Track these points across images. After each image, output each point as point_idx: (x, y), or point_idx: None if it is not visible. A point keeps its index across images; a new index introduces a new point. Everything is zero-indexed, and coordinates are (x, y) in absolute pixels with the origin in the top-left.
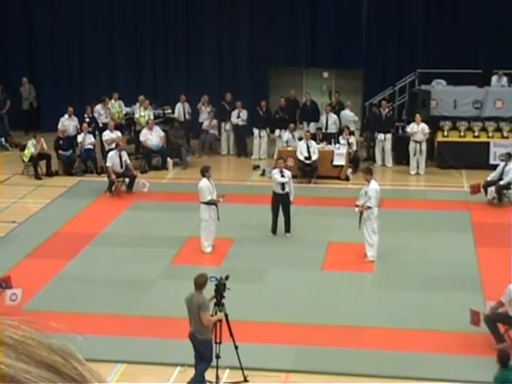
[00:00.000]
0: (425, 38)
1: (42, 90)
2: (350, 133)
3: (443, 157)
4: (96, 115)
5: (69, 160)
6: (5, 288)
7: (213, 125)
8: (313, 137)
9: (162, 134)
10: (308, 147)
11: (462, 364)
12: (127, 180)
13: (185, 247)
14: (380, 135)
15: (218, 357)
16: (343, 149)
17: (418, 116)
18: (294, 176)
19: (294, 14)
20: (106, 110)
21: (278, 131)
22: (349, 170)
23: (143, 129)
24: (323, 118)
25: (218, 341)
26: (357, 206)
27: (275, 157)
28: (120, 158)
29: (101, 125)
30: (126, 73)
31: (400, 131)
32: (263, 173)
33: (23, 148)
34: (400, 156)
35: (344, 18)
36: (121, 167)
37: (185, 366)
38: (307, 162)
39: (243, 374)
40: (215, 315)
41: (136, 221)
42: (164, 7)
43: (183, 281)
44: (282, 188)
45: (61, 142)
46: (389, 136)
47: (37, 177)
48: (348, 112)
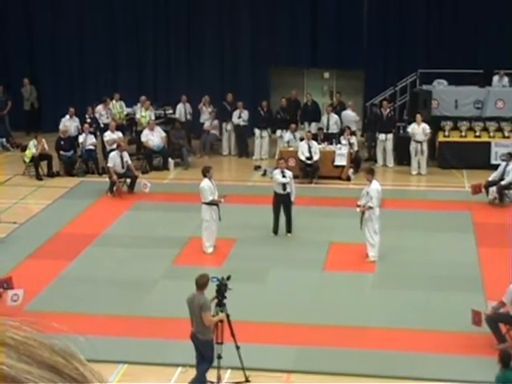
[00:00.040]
0: (426, 38)
1: (43, 91)
2: (352, 133)
3: (444, 157)
4: (97, 116)
5: (70, 161)
6: (6, 289)
7: (214, 125)
8: (314, 137)
9: (164, 135)
10: (309, 147)
11: (464, 364)
12: (128, 180)
13: (186, 247)
14: (381, 135)
15: (220, 357)
16: (344, 149)
17: (419, 116)
18: (296, 176)
19: (295, 14)
20: (107, 111)
21: (280, 131)
22: (350, 171)
23: (144, 129)
24: (324, 119)
25: (220, 341)
26: (358, 206)
27: (276, 157)
28: (121, 159)
29: (102, 125)
30: (127, 73)
31: (401, 131)
32: (264, 173)
33: (24, 149)
34: (401, 156)
35: (344, 19)
36: (122, 168)
37: (186, 367)
38: (308, 163)
39: (245, 375)
40: (217, 315)
41: (137, 221)
42: (165, 7)
43: (185, 281)
44: (284, 188)
45: (62, 143)
46: (390, 136)
47: (38, 177)
48: (350, 112)
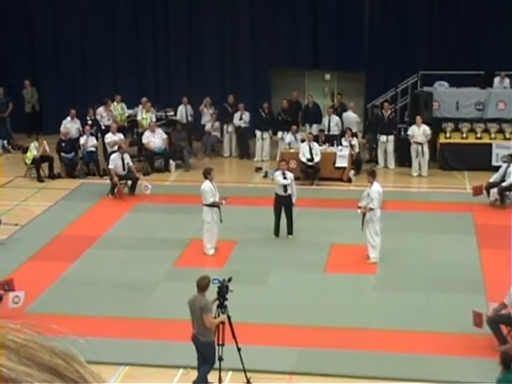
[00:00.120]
0: (427, 40)
1: (45, 93)
2: (353, 135)
3: (445, 158)
4: (98, 117)
5: (71, 162)
6: (8, 290)
7: (215, 127)
8: (315, 139)
9: (165, 137)
10: (310, 149)
11: (465, 366)
12: (130, 182)
13: (187, 249)
14: (382, 137)
15: (221, 359)
16: (345, 151)
17: (419, 118)
18: (297, 178)
19: (296, 16)
20: (109, 113)
21: (281, 133)
22: (351, 172)
23: (145, 131)
24: (325, 120)
25: (221, 343)
26: (359, 208)
27: (277, 159)
28: (122, 161)
29: (103, 127)
30: (128, 75)
31: (402, 133)
32: (266, 175)
33: (25, 150)
34: (402, 158)
35: (345, 20)
36: (123, 169)
37: (187, 369)
38: (309, 164)
39: (246, 376)
40: (218, 317)
41: (138, 223)
42: (165, 7)
43: (186, 283)
44: (285, 190)
45: (63, 145)
46: (391, 138)
47: (39, 179)
48: (351, 114)
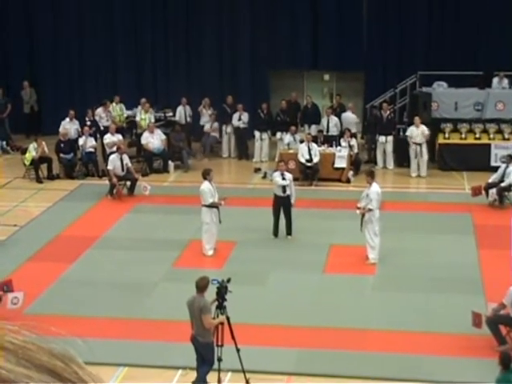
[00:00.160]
0: (426, 40)
1: (43, 94)
2: (351, 135)
3: (444, 159)
4: (97, 118)
5: (70, 163)
6: (6, 291)
7: (214, 127)
8: (314, 139)
9: (164, 137)
10: (309, 150)
11: (464, 366)
12: (128, 183)
13: (186, 250)
14: (381, 137)
15: (220, 360)
16: (344, 151)
17: (417, 118)
18: (296, 178)
19: (295, 16)
20: (107, 113)
21: (280, 134)
22: (350, 173)
23: (144, 132)
24: (324, 121)
25: (220, 344)
26: (358, 209)
27: (276, 159)
28: (121, 161)
29: (102, 128)
30: (127, 75)
31: (401, 133)
32: (264, 175)
33: (24, 151)
34: (401, 158)
35: (345, 20)
36: (122, 170)
37: (187, 369)
38: (308, 165)
39: (245, 377)
40: (217, 318)
41: (137, 224)
42: (164, 7)
43: (185, 284)
44: (284, 191)
45: (62, 146)
46: (390, 138)
47: (38, 180)
48: (350, 114)
